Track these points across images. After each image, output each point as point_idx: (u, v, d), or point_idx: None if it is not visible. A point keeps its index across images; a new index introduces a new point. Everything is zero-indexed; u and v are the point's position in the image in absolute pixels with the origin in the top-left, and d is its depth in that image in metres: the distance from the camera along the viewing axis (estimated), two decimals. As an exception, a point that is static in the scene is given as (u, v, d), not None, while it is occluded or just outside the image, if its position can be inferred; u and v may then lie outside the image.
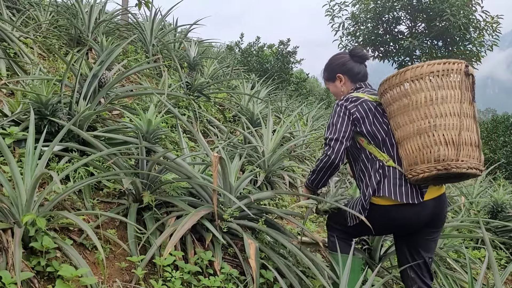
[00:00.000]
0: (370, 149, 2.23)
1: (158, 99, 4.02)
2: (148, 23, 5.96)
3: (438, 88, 1.99)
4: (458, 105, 1.98)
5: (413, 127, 2.04)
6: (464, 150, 1.95)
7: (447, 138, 1.96)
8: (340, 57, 2.46)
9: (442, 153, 1.96)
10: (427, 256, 2.28)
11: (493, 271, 2.14)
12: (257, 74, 11.08)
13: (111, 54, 3.59)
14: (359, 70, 2.39)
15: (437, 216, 2.21)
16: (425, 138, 2.00)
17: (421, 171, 2.01)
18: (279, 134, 4.24)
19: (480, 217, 3.11)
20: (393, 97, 2.12)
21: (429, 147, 1.99)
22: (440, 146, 1.97)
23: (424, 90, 2.01)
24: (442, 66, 2.00)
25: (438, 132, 1.97)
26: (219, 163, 2.43)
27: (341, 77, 2.42)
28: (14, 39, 3.96)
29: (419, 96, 2.02)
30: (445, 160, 1.96)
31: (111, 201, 2.64)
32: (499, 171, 10.46)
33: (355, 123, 2.23)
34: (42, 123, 2.76)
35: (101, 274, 2.07)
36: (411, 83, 2.04)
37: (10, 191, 1.97)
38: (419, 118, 2.02)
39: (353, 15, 12.99)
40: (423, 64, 2.04)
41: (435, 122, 1.98)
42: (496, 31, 11.79)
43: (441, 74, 2.00)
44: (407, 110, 2.06)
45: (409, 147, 2.06)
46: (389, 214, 2.17)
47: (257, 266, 2.28)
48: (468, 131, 1.98)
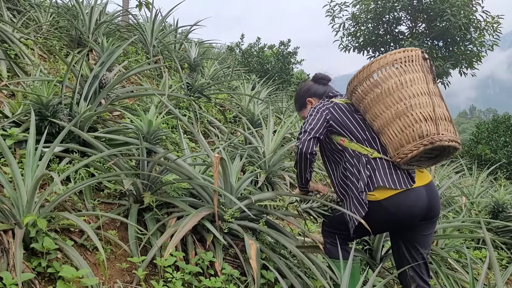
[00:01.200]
0: (352, 147, 2.25)
1: (158, 100, 4.02)
2: (148, 24, 5.96)
3: (404, 72, 2.13)
4: (425, 85, 2.12)
5: (390, 112, 2.12)
6: (441, 124, 2.06)
7: (425, 115, 2.06)
8: (305, 85, 2.64)
9: (424, 129, 2.05)
10: (425, 252, 2.28)
11: (494, 271, 2.14)
12: (258, 74, 11.08)
13: (111, 55, 3.59)
14: (324, 90, 2.54)
15: (433, 204, 2.21)
16: (405, 119, 2.09)
17: (409, 151, 2.07)
18: (280, 134, 4.24)
19: (481, 217, 3.11)
20: (364, 91, 2.21)
21: (411, 126, 2.07)
22: (421, 123, 2.06)
23: (392, 76, 2.14)
24: (403, 54, 2.16)
25: (415, 110, 2.07)
26: (220, 164, 2.43)
27: (310, 100, 2.56)
28: (15, 40, 3.97)
29: (389, 83, 2.13)
30: (428, 135, 2.04)
31: (111, 202, 2.64)
32: (500, 171, 10.45)
33: (330, 123, 2.29)
34: (43, 124, 2.77)
35: (102, 275, 2.07)
36: (379, 73, 2.17)
37: (11, 192, 1.97)
38: (395, 102, 2.12)
39: (354, 16, 12.97)
40: (385, 55, 2.19)
41: (410, 102, 2.08)
42: (496, 31, 11.77)
43: (403, 60, 2.15)
44: (381, 99, 2.15)
45: (391, 132, 2.13)
46: (385, 209, 2.15)
47: (258, 266, 2.28)
48: (439, 108, 2.10)
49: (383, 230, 2.54)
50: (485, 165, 10.24)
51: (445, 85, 12.35)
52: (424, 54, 2.18)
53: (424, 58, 2.18)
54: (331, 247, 2.38)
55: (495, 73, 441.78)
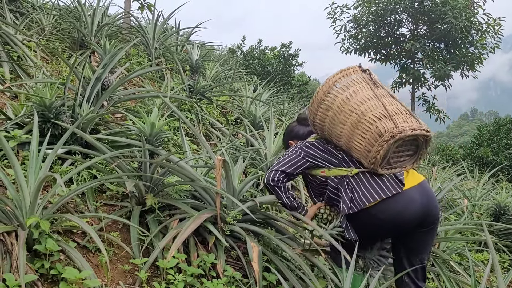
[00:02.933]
0: (333, 173, 2.30)
1: (160, 102, 4.03)
2: (150, 26, 5.98)
3: (347, 88, 2.21)
4: (370, 92, 2.18)
5: (348, 126, 2.18)
6: (398, 118, 2.09)
7: (377, 115, 2.10)
8: (288, 127, 2.81)
9: (381, 127, 2.08)
10: (423, 258, 2.28)
11: (497, 274, 2.14)
12: (259, 76, 11.10)
13: (114, 57, 3.60)
14: (304, 131, 2.67)
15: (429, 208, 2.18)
16: (361, 126, 2.13)
17: (376, 153, 2.10)
18: (282, 136, 4.24)
19: (483, 220, 3.11)
20: (321, 119, 2.30)
21: (369, 130, 2.11)
22: (376, 123, 2.09)
23: (337, 95, 2.22)
24: (340, 74, 2.26)
25: (367, 115, 2.13)
26: (222, 166, 2.43)
27: (291, 142, 2.70)
28: (17, 42, 3.99)
29: (337, 102, 2.21)
30: (386, 131, 2.06)
31: (114, 203, 2.65)
32: (502, 173, 10.44)
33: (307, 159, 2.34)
34: (45, 126, 2.78)
35: (104, 276, 2.07)
36: (326, 98, 2.25)
37: (14, 194, 1.98)
38: (348, 115, 2.17)
39: (355, 18, 12.98)
40: (326, 80, 2.29)
41: (361, 109, 2.14)
42: (498, 34, 11.77)
43: (343, 78, 2.24)
44: (336, 118, 2.22)
45: (356, 142, 2.17)
46: (375, 216, 2.17)
47: (260, 269, 2.28)
48: (392, 105, 2.14)
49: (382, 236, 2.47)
50: (486, 168, 10.24)
51: (446, 87, 12.35)
52: (361, 67, 2.27)
53: (363, 70, 2.26)
54: (336, 256, 2.38)
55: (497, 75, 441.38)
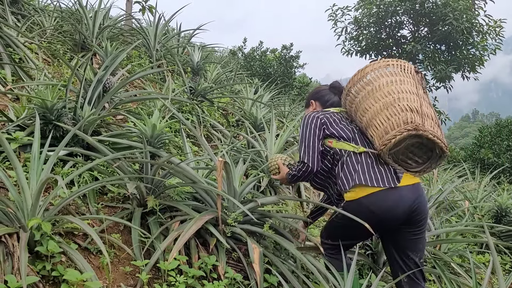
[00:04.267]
0: (340, 146, 2.31)
1: (162, 104, 4.03)
2: (151, 28, 5.99)
3: (395, 74, 2.23)
4: (414, 88, 2.19)
5: (379, 105, 2.19)
6: (427, 120, 2.10)
7: (411, 107, 2.12)
8: (318, 88, 2.76)
9: (409, 116, 2.09)
10: (417, 257, 2.27)
11: (498, 276, 2.14)
12: (260, 78, 11.11)
13: (115, 59, 3.61)
14: (329, 98, 2.62)
15: (418, 208, 2.18)
16: (392, 109, 2.15)
17: (392, 136, 2.10)
18: (283, 138, 4.24)
19: (484, 222, 3.11)
20: (357, 91, 2.30)
21: (397, 115, 2.12)
22: (407, 112, 2.11)
23: (384, 76, 2.23)
24: (396, 62, 2.28)
25: (403, 102, 2.13)
26: (223, 167, 2.43)
27: (313, 103, 2.67)
28: (19, 44, 4.00)
29: (381, 81, 2.22)
30: (413, 122, 2.08)
31: (115, 205, 2.65)
32: (503, 175, 10.43)
33: (323, 128, 2.37)
34: (47, 128, 2.78)
35: (105, 278, 2.08)
36: (372, 74, 2.27)
37: (16, 196, 1.98)
38: (384, 96, 2.19)
39: (356, 20, 13.01)
40: (379, 60, 2.31)
41: (399, 96, 2.15)
42: (499, 35, 11.78)
43: (396, 66, 2.26)
44: (371, 94, 2.23)
45: (378, 121, 2.18)
46: (366, 208, 2.16)
47: (261, 270, 2.28)
48: (427, 109, 2.15)
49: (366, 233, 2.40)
50: (488, 169, 10.23)
51: (447, 89, 12.35)
52: (416, 68, 2.28)
53: (416, 71, 2.27)
54: (331, 259, 2.39)
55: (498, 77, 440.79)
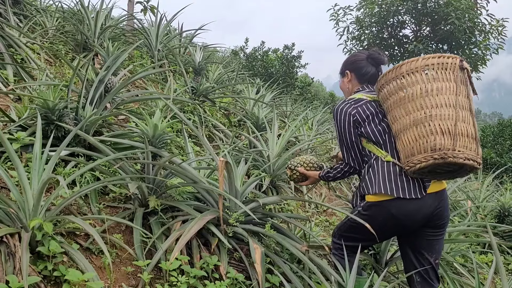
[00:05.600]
0: (369, 147, 2.26)
1: (163, 104, 4.03)
2: (153, 29, 5.99)
3: (433, 80, 2.03)
4: (453, 97, 2.00)
5: (409, 118, 2.06)
6: (460, 140, 1.96)
7: (443, 128, 1.98)
8: (355, 55, 2.50)
9: (438, 142, 1.97)
10: (432, 258, 2.24)
11: (501, 276, 2.13)
12: (262, 78, 11.09)
13: (117, 59, 3.61)
14: (367, 71, 2.41)
15: (439, 213, 2.16)
16: (421, 128, 2.02)
17: (418, 161, 2.01)
18: (284, 138, 4.24)
19: (487, 222, 3.10)
20: (389, 92, 2.15)
21: (425, 137, 2.00)
22: (436, 136, 1.98)
23: (419, 82, 2.05)
24: (437, 60, 2.04)
25: (434, 122, 1.99)
26: (225, 167, 2.43)
27: (348, 74, 2.47)
28: (21, 45, 4.00)
29: (415, 89, 2.05)
30: (441, 149, 1.96)
31: (117, 205, 2.65)
32: (506, 175, 10.39)
33: (356, 125, 2.27)
34: (49, 128, 2.79)
35: (107, 278, 2.07)
36: (407, 76, 2.08)
37: (18, 196, 1.98)
38: (415, 109, 2.04)
39: (358, 20, 12.99)
40: (418, 58, 2.08)
41: (431, 113, 2.00)
42: (501, 34, 11.74)
43: (436, 67, 2.04)
44: (403, 103, 2.08)
45: (406, 138, 2.08)
46: (387, 211, 2.14)
47: (262, 270, 2.28)
48: (464, 123, 2.00)
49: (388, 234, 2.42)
50: (490, 169, 10.19)
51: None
52: (462, 63, 2.04)
53: (462, 67, 2.04)
54: (340, 259, 2.35)
55: (500, 77, 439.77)
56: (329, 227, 4.09)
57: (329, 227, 4.09)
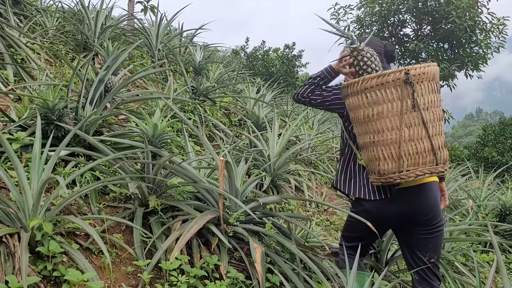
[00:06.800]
0: (351, 145, 2.34)
1: (164, 103, 4.03)
2: (153, 28, 5.99)
3: (374, 104, 1.96)
4: (397, 117, 1.94)
5: (361, 140, 2.11)
6: (408, 160, 1.94)
7: (385, 154, 1.98)
8: (377, 45, 2.38)
9: (382, 168, 2.00)
10: (426, 257, 2.23)
11: (502, 275, 2.12)
12: (263, 78, 11.10)
13: (117, 59, 3.61)
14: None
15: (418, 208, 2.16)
16: (369, 152, 2.06)
17: (372, 181, 2.12)
18: (285, 137, 4.23)
19: (488, 220, 3.09)
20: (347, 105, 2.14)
21: (372, 161, 2.05)
22: (379, 161, 2.01)
23: (361, 106, 2.01)
24: (376, 80, 1.94)
25: (377, 148, 2.00)
26: (225, 167, 2.43)
27: None
28: (21, 45, 4.00)
29: (359, 113, 2.04)
30: (385, 174, 2.00)
31: (117, 205, 2.65)
32: (507, 173, 10.37)
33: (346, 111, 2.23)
34: (48, 128, 2.78)
35: (107, 278, 2.07)
36: (352, 99, 2.05)
37: (17, 196, 1.98)
38: (362, 133, 2.07)
39: (358, 19, 12.96)
40: (359, 80, 1.99)
41: (374, 139, 2.01)
42: (502, 33, 11.71)
43: (376, 88, 1.95)
44: (355, 124, 2.12)
45: (364, 156, 2.15)
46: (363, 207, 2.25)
47: (263, 270, 2.27)
48: (412, 141, 1.94)
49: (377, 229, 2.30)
50: (491, 168, 10.18)
51: (451, 88, 12.29)
52: (408, 76, 1.90)
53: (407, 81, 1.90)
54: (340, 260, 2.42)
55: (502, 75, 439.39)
56: (330, 227, 4.09)
57: (330, 227, 4.09)
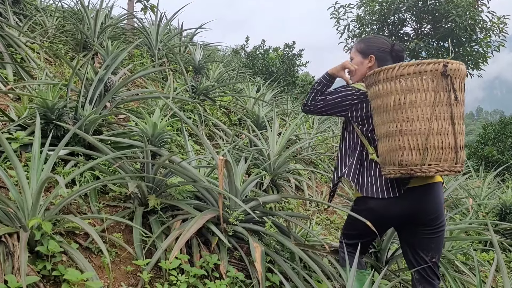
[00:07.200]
0: (362, 139, 2.28)
1: (163, 102, 4.03)
2: (153, 28, 5.99)
3: (408, 91, 1.95)
4: (429, 108, 1.93)
5: (384, 128, 2.05)
6: (432, 154, 1.94)
7: (412, 144, 1.95)
8: (384, 43, 2.37)
9: (405, 158, 1.96)
10: (428, 257, 2.24)
11: (502, 273, 2.12)
12: (263, 77, 11.09)
13: (116, 58, 3.61)
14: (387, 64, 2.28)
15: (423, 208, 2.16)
16: (392, 141, 2.01)
17: (388, 172, 2.05)
18: (285, 137, 4.23)
19: (488, 219, 3.09)
20: (371, 95, 2.13)
21: (395, 151, 2.00)
22: (404, 151, 1.97)
23: (393, 93, 1.98)
24: (414, 68, 1.94)
25: (404, 137, 1.97)
26: (224, 166, 2.42)
27: (372, 59, 2.33)
28: (21, 44, 4.00)
29: (389, 99, 2.00)
30: (408, 165, 1.96)
31: (117, 204, 2.65)
32: (507, 172, 10.36)
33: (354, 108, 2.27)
34: (48, 127, 2.78)
35: (107, 278, 2.07)
36: (384, 84, 2.02)
37: (16, 195, 1.98)
38: (388, 121, 2.02)
39: (358, 18, 12.95)
40: (395, 66, 1.99)
41: (401, 127, 1.97)
42: (503, 32, 11.70)
43: (412, 76, 1.95)
44: (380, 111, 2.06)
45: (381, 147, 2.10)
46: (367, 205, 2.22)
47: (263, 269, 2.27)
48: (439, 135, 1.94)
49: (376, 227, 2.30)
50: (492, 167, 10.18)
51: (451, 86, 12.28)
52: (445, 69, 1.91)
53: (444, 74, 1.91)
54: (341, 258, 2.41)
55: (502, 74, 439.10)
56: (330, 226, 4.09)
57: (330, 226, 4.09)
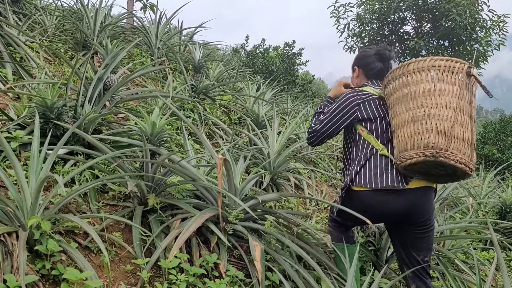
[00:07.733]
0: (368, 139, 2.29)
1: (163, 101, 4.02)
2: (153, 27, 5.98)
3: (438, 81, 2.05)
4: (455, 99, 2.02)
5: (409, 115, 2.10)
6: (455, 142, 1.99)
7: (439, 127, 2.00)
8: (364, 51, 2.56)
9: (432, 140, 2.00)
10: (420, 257, 2.29)
11: (502, 272, 2.12)
12: (263, 76, 11.08)
13: (116, 57, 3.60)
14: (374, 66, 2.45)
15: (416, 209, 2.20)
16: (418, 125, 2.05)
17: (410, 157, 2.05)
18: (285, 135, 4.23)
19: (488, 218, 3.08)
20: (394, 88, 2.19)
21: (421, 134, 2.04)
22: (431, 134, 2.01)
23: (423, 81, 2.08)
24: (445, 63, 2.06)
25: (432, 120, 2.02)
26: (224, 165, 2.42)
27: (356, 69, 2.52)
28: (20, 43, 3.99)
29: (419, 87, 2.08)
30: (434, 147, 1.99)
31: (116, 204, 2.64)
32: (508, 171, 10.35)
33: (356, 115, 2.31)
34: (47, 126, 2.78)
35: (106, 277, 2.07)
36: (413, 75, 2.11)
37: (15, 195, 1.98)
38: (416, 107, 2.08)
39: (358, 16, 12.95)
40: (426, 58, 2.10)
41: (430, 111, 2.04)
42: (503, 30, 11.70)
43: (442, 69, 2.06)
44: (405, 100, 2.12)
45: (402, 133, 2.12)
46: (363, 200, 2.24)
47: (262, 268, 2.27)
48: (461, 127, 2.01)
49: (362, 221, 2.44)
50: (492, 165, 10.16)
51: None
52: (470, 70, 2.04)
53: (469, 74, 2.04)
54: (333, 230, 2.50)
55: (502, 73, 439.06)
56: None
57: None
